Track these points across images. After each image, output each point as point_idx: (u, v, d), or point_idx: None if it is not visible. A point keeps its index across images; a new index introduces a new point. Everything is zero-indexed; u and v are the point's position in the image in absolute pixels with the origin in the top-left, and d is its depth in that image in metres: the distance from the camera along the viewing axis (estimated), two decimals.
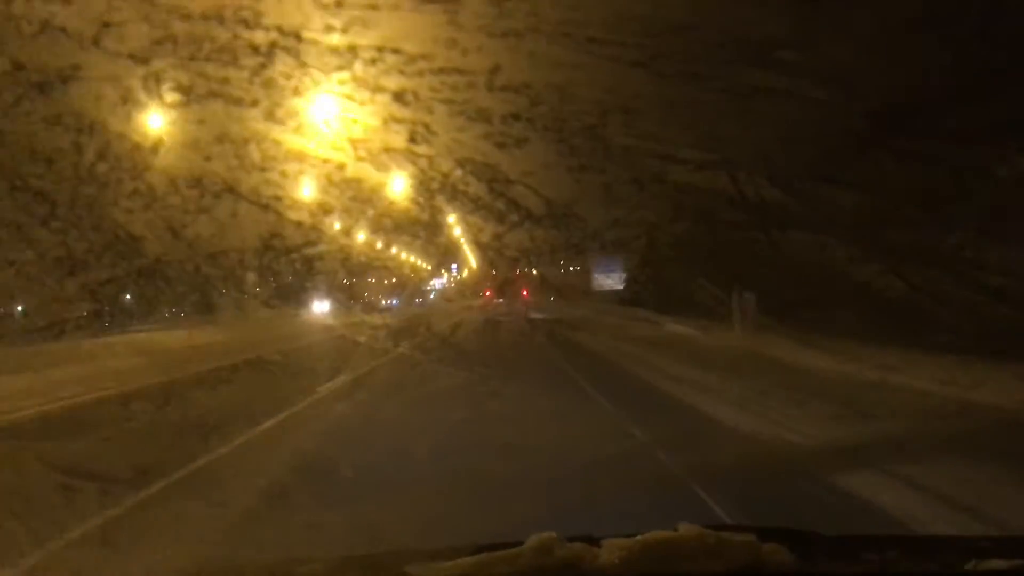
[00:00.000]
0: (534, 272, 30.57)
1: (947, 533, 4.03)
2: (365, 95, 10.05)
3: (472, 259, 35.08)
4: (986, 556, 1.57)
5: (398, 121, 10.45)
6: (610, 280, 30.48)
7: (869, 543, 1.80)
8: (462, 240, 27.42)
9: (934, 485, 5.08)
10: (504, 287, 31.05)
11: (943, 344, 11.67)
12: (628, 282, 29.13)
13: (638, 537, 1.62)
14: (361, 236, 13.20)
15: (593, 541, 1.64)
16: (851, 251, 13.23)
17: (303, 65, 9.65)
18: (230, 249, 12.27)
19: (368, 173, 11.16)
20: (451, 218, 16.45)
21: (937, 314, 13.90)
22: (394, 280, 34.62)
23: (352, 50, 9.55)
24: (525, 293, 31.08)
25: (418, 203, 11.86)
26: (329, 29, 9.20)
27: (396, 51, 9.57)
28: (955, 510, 4.69)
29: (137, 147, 10.46)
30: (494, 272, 29.91)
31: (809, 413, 7.99)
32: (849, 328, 13.72)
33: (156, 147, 10.38)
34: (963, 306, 13.69)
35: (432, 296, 42.23)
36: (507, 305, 29.56)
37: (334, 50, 9.53)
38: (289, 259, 12.59)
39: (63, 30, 9.13)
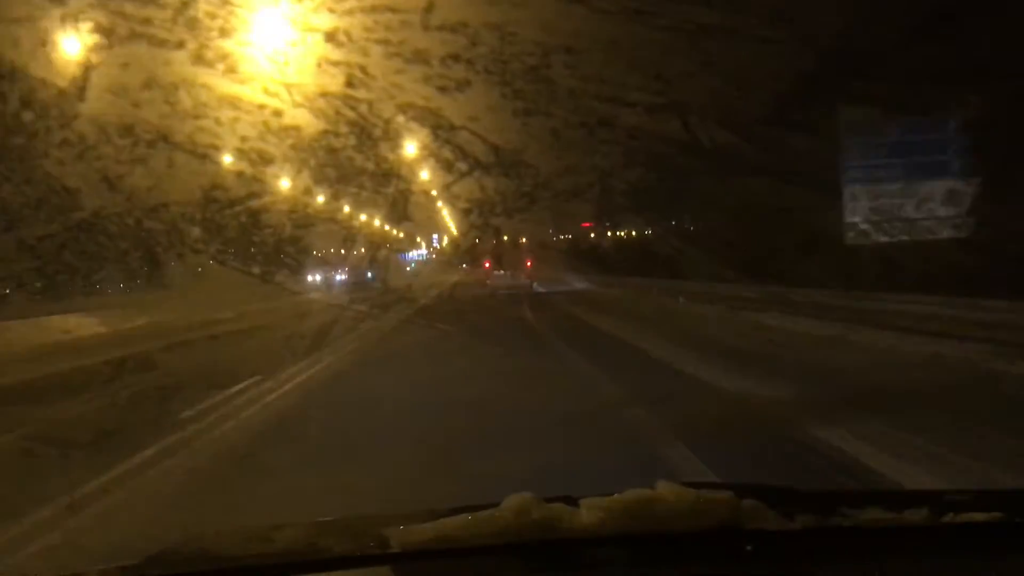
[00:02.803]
0: (523, 240, 27.43)
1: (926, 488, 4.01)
2: (296, 35, 9.69)
3: (452, 227, 33.68)
4: (964, 510, 1.59)
5: (333, 64, 10.09)
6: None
7: (847, 498, 1.81)
8: (440, 205, 26.13)
9: None
10: (503, 257, 27.65)
11: None
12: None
13: (616, 496, 1.63)
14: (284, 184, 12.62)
15: (571, 501, 1.65)
16: (809, 198, 13.01)
17: (227, 4, 9.28)
18: (171, 202, 11.91)
19: (306, 120, 10.79)
20: (424, 173, 15.91)
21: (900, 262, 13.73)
22: (362, 250, 33.52)
23: None
24: (528, 264, 27.84)
25: (362, 152, 11.51)
26: None
27: None
28: None
29: (62, 94, 10.06)
30: (495, 241, 26.61)
31: None
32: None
33: (82, 93, 9.98)
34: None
35: (409, 269, 40.76)
36: (511, 277, 26.10)
37: None
38: (233, 212, 12.25)
39: None
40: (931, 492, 1.93)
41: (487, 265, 27.62)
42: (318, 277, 30.87)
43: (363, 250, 33.27)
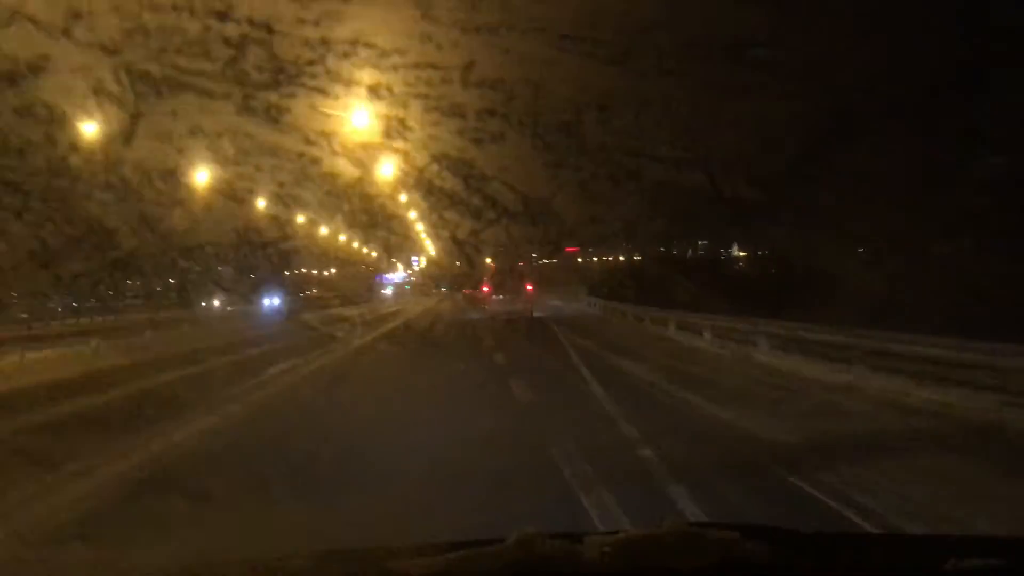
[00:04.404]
0: (521, 264, 25.54)
1: (926, 532, 3.90)
2: (339, 89, 10.02)
3: (431, 249, 32.59)
4: (964, 556, 1.57)
5: (374, 116, 10.45)
6: None
7: (849, 541, 1.84)
8: (420, 228, 24.86)
9: None
10: (503, 281, 24.50)
11: None
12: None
13: (620, 533, 1.62)
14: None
15: (575, 537, 1.64)
16: (827, 248, 13.28)
17: (275, 58, 9.62)
18: (205, 243, 12.21)
19: (343, 167, 11.12)
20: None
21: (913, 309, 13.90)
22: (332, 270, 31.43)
23: (325, 43, 9.52)
24: (529, 287, 24.88)
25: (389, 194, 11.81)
26: (301, 22, 9.16)
27: (369, 45, 9.54)
28: None
29: (110, 140, 10.40)
30: (490, 262, 25.20)
31: None
32: None
33: (129, 140, 10.31)
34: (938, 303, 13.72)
35: (387, 291, 38.80)
36: (510, 303, 23.43)
37: (306, 43, 9.50)
38: (265, 253, 12.54)
39: (32, 20, 9.07)
40: (933, 537, 1.87)
41: (486, 289, 25.07)
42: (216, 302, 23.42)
43: (334, 270, 31.65)
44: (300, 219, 14.68)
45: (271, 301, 23.89)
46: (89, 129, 10.30)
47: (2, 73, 9.62)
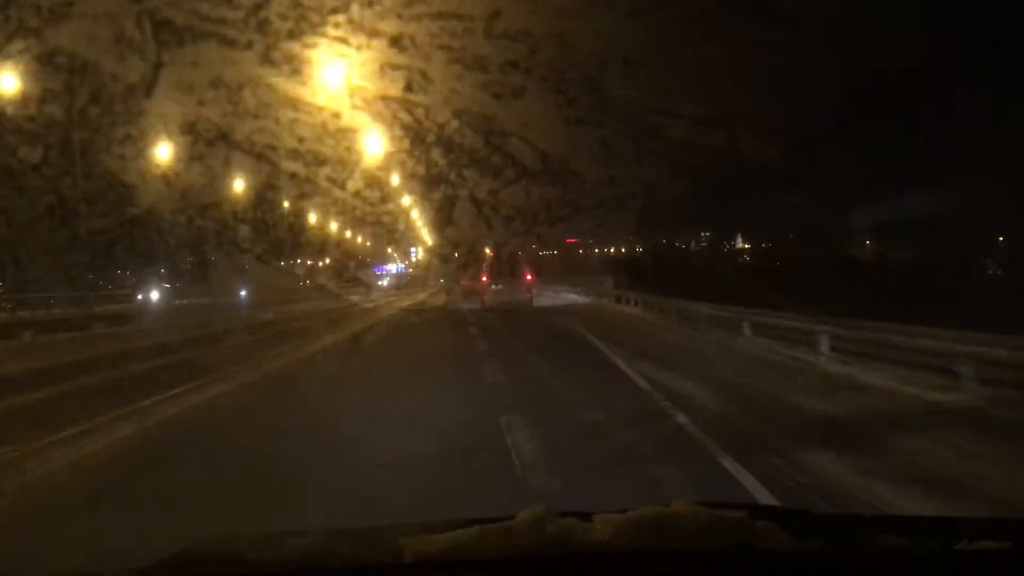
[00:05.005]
0: (520, 253, 24.68)
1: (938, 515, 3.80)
2: (361, 39, 9.93)
3: (428, 239, 31.65)
4: (978, 538, 1.58)
5: (395, 68, 10.35)
6: None
7: (860, 522, 1.83)
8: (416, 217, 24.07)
9: None
10: (502, 270, 23.89)
11: None
12: None
13: (630, 513, 1.63)
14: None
15: (585, 516, 1.66)
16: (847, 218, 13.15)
17: (299, 6, 9.55)
18: (224, 200, 12.16)
19: (364, 122, 11.06)
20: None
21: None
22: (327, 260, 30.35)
23: None
24: (529, 277, 24.55)
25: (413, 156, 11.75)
26: None
27: None
28: None
29: (130, 90, 10.34)
30: (488, 251, 24.73)
31: None
32: None
33: (149, 90, 10.25)
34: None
35: (383, 283, 38.04)
36: (510, 292, 22.64)
37: None
38: (283, 212, 12.49)
39: None
40: (943, 519, 1.88)
41: (484, 279, 24.53)
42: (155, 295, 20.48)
43: (328, 261, 30.61)
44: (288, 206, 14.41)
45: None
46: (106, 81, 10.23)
47: (24, 20, 9.59)
